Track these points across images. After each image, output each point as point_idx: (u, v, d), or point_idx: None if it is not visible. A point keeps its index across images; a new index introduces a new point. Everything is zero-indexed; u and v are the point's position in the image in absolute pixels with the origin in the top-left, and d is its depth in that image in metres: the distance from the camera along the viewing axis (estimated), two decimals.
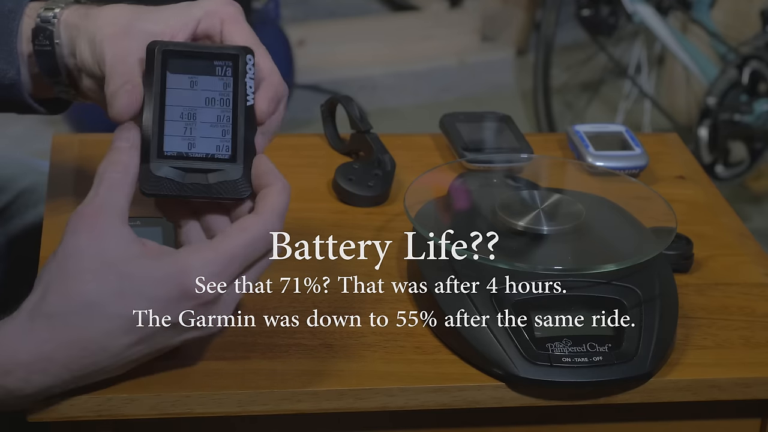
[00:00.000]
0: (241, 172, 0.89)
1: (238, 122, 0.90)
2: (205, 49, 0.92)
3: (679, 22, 3.10)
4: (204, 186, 0.89)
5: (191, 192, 0.89)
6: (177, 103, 0.90)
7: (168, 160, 0.89)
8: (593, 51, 3.30)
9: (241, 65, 0.91)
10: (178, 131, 0.89)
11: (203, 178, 0.89)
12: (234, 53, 0.91)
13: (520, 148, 1.23)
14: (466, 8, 3.81)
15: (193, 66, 0.91)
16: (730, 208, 1.21)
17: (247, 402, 0.92)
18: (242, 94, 0.91)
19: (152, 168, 0.88)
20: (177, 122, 0.90)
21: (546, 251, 1.02)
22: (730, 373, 0.98)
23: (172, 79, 0.90)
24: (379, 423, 0.98)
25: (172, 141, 0.89)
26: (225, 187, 0.89)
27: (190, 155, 0.89)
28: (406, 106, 3.48)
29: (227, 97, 0.91)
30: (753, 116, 2.69)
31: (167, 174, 0.88)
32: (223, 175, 0.89)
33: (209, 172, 0.89)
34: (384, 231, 1.13)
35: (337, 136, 1.27)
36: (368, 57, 3.62)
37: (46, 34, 0.98)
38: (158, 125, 0.89)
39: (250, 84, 0.91)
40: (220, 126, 0.90)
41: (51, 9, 0.98)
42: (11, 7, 1.00)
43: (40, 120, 3.10)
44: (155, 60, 0.90)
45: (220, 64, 0.91)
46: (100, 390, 0.90)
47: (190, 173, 0.89)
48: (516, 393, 0.95)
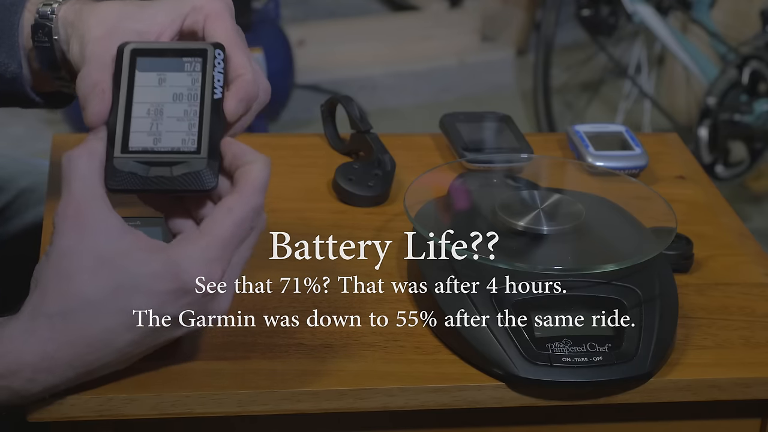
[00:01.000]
0: (205, 163, 0.88)
1: (204, 115, 0.89)
2: (174, 47, 0.92)
3: (679, 22, 3.10)
4: (168, 179, 0.87)
5: (155, 185, 0.88)
6: (144, 101, 0.89)
7: (133, 155, 0.88)
8: (593, 51, 3.30)
9: (209, 60, 0.90)
10: (144, 127, 0.89)
11: (167, 171, 0.88)
12: (203, 48, 0.91)
13: (520, 148, 1.23)
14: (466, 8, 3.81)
15: (162, 64, 0.90)
16: (730, 208, 1.21)
17: (247, 402, 0.92)
18: (209, 88, 0.90)
19: (116, 164, 0.88)
20: (143, 119, 0.89)
21: (546, 251, 1.02)
22: (730, 373, 0.98)
23: (140, 77, 0.90)
24: (379, 423, 0.98)
25: (138, 137, 0.88)
26: (189, 179, 0.87)
27: (155, 149, 0.88)
28: (406, 106, 3.48)
29: (195, 92, 0.90)
30: (753, 116, 2.69)
31: (132, 168, 0.88)
32: (187, 167, 0.88)
33: (174, 164, 0.88)
34: (384, 231, 1.13)
35: (337, 136, 1.27)
36: (368, 57, 3.62)
37: (44, 30, 0.98)
38: (123, 122, 0.89)
39: (218, 78, 0.90)
40: (187, 120, 0.89)
41: (49, 4, 0.98)
42: (12, 1, 1.00)
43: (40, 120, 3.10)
44: (123, 60, 0.90)
45: (189, 60, 0.91)
46: (100, 390, 0.90)
47: (155, 167, 0.88)
48: (516, 393, 0.95)
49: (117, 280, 0.84)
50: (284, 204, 1.16)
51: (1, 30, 1.00)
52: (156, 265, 0.84)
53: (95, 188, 0.86)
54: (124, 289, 0.84)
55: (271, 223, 1.11)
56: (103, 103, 0.90)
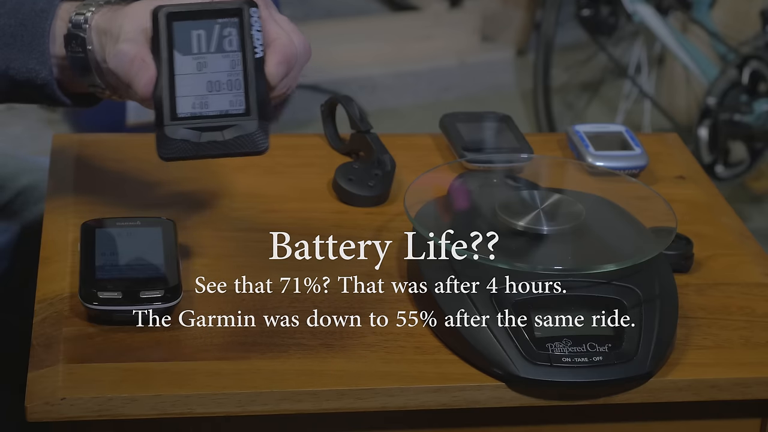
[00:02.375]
0: (256, 124, 0.88)
1: (248, 76, 0.89)
2: (208, 7, 0.91)
3: (679, 22, 3.10)
4: (220, 143, 0.88)
5: (208, 151, 0.88)
6: (186, 65, 0.89)
7: (182, 122, 0.88)
8: (593, 51, 3.30)
9: (245, 18, 0.90)
10: (189, 92, 0.89)
11: (219, 136, 0.88)
12: (237, 7, 0.90)
13: (520, 148, 1.23)
14: (466, 8, 3.81)
15: (199, 26, 0.90)
16: (730, 208, 1.21)
17: (247, 402, 0.92)
18: (250, 48, 0.90)
19: (167, 132, 0.88)
20: (188, 84, 0.89)
21: (546, 251, 1.02)
22: (730, 373, 0.98)
23: (179, 41, 0.90)
24: (379, 423, 0.98)
25: (185, 103, 0.89)
26: (242, 142, 0.88)
27: (204, 114, 0.88)
28: (406, 106, 3.47)
29: (235, 53, 0.90)
30: (753, 116, 2.69)
31: (183, 136, 0.88)
32: (238, 130, 0.88)
33: (225, 128, 0.88)
34: (384, 231, 1.13)
35: (337, 136, 1.27)
36: (368, 57, 3.62)
37: (78, 41, 0.97)
38: (169, 89, 0.88)
39: (257, 36, 0.90)
40: (232, 82, 0.89)
41: (82, 13, 0.98)
42: (43, 7, 1.00)
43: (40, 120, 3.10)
44: (160, 25, 0.90)
45: (224, 20, 0.90)
46: (100, 390, 0.90)
47: (206, 132, 0.88)
48: (516, 393, 0.95)
49: None
50: (284, 204, 1.16)
51: (31, 37, 1.00)
52: None
53: None
54: None
55: (271, 223, 1.12)
56: (148, 72, 0.89)
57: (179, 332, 0.97)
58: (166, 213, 1.07)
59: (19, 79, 1.01)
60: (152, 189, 1.16)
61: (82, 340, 0.95)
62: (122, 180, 1.17)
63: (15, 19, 1.00)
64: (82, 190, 1.13)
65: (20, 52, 1.00)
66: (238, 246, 1.09)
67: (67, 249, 1.05)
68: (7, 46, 1.00)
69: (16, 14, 1.00)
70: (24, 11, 1.00)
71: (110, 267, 0.99)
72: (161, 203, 1.13)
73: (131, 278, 0.98)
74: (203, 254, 1.07)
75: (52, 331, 0.96)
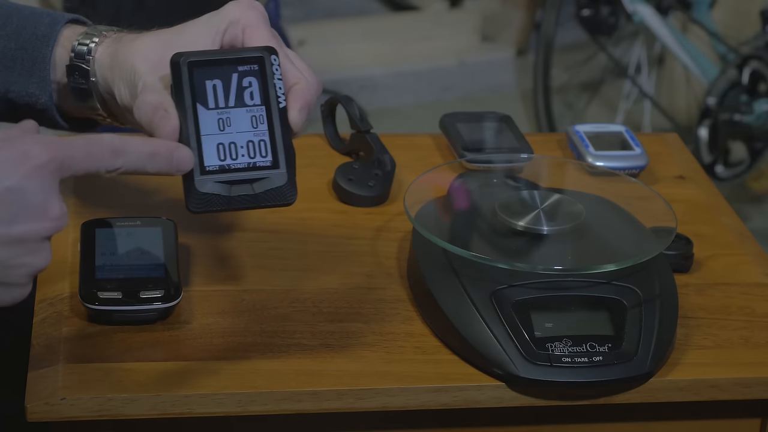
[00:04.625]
0: (285, 177, 0.89)
1: (274, 126, 0.89)
2: (229, 55, 0.90)
3: (679, 22, 3.10)
4: (251, 197, 0.89)
5: (239, 205, 0.88)
6: (210, 116, 0.89)
7: (211, 175, 0.88)
8: (593, 51, 3.30)
9: (267, 67, 0.90)
10: (216, 143, 0.88)
11: (249, 189, 0.88)
12: (258, 55, 0.90)
13: (520, 148, 1.23)
14: (466, 8, 3.81)
15: (220, 74, 0.89)
16: (730, 208, 1.21)
17: (247, 402, 0.92)
18: (274, 97, 0.90)
19: (197, 185, 0.88)
20: (213, 135, 0.89)
21: (546, 251, 1.02)
22: (730, 373, 0.98)
23: (201, 91, 0.89)
24: (379, 423, 0.98)
25: (212, 154, 0.88)
26: (272, 195, 0.88)
27: (232, 167, 0.88)
28: (407, 106, 3.48)
29: (258, 102, 0.90)
30: (753, 116, 2.69)
31: (213, 189, 0.88)
32: (268, 183, 0.89)
33: (254, 181, 0.88)
34: (384, 231, 1.13)
35: (337, 136, 1.27)
36: (368, 57, 3.62)
37: (81, 72, 0.97)
38: (195, 140, 0.88)
39: (279, 86, 0.90)
40: (257, 132, 0.89)
41: (85, 44, 0.97)
42: (44, 32, 0.99)
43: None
44: (182, 74, 0.89)
45: (245, 69, 0.90)
46: (100, 390, 0.90)
47: (236, 185, 0.88)
48: (516, 393, 0.95)
49: None
50: None
51: (32, 62, 0.99)
52: None
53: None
54: None
55: (271, 223, 1.12)
56: (170, 121, 0.88)
57: (179, 332, 0.97)
58: (166, 213, 1.07)
59: (18, 103, 1.01)
60: (152, 189, 1.15)
61: (82, 340, 0.95)
62: (122, 180, 1.17)
63: (16, 43, 1.00)
64: (82, 190, 1.13)
65: (20, 76, 1.00)
66: (238, 246, 1.09)
67: (67, 249, 1.05)
68: (7, 69, 1.00)
69: (17, 38, 1.00)
70: (25, 35, 1.00)
71: (110, 267, 0.99)
72: (161, 203, 1.13)
73: (131, 278, 0.98)
74: (203, 254, 1.07)
75: (52, 331, 0.96)
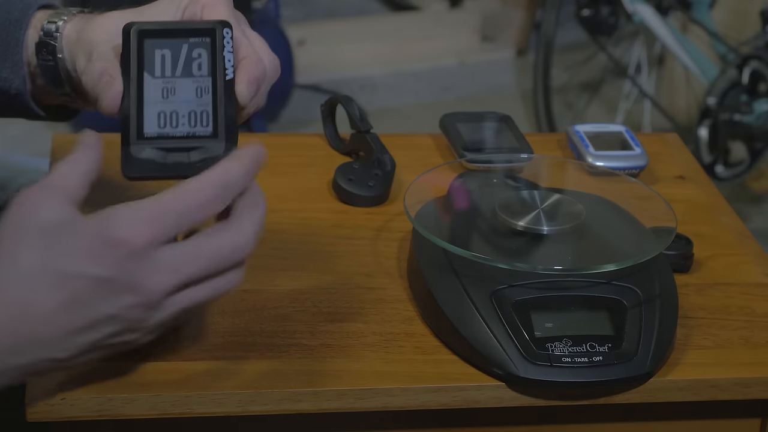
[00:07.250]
0: (223, 147, 0.87)
1: (218, 97, 0.89)
2: (180, 26, 0.91)
3: (679, 22, 3.10)
4: (186, 165, 0.87)
5: (173, 172, 0.87)
6: (155, 84, 0.89)
7: (149, 142, 0.87)
8: (593, 51, 3.30)
9: (218, 39, 0.89)
10: (157, 112, 0.88)
11: (185, 157, 0.87)
12: (210, 27, 0.90)
13: (520, 148, 1.23)
14: (466, 8, 3.82)
15: (170, 44, 0.89)
16: (730, 208, 1.21)
17: (247, 402, 0.92)
18: (221, 69, 0.89)
19: (133, 151, 0.87)
20: (156, 103, 0.88)
21: (546, 251, 1.02)
22: (730, 373, 0.98)
23: (149, 60, 0.89)
24: (379, 423, 0.98)
25: (152, 122, 0.88)
26: (207, 165, 0.86)
27: (171, 134, 0.88)
28: (407, 106, 3.48)
29: (206, 73, 0.89)
30: (753, 116, 2.69)
31: (148, 155, 0.87)
32: (204, 152, 0.87)
33: (191, 150, 0.87)
34: (384, 231, 1.13)
35: (337, 136, 1.27)
36: (368, 57, 3.62)
37: (49, 48, 0.97)
38: (137, 107, 0.88)
39: (228, 58, 0.89)
40: (201, 103, 0.89)
41: (54, 22, 0.98)
42: (17, 17, 1.00)
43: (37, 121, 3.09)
44: (131, 42, 0.89)
45: (196, 39, 0.89)
46: (100, 390, 0.90)
47: (172, 153, 0.87)
48: (516, 393, 0.95)
49: (42, 239, 0.80)
50: (284, 204, 1.16)
51: (5, 46, 0.99)
52: (83, 223, 0.81)
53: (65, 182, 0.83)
54: (48, 246, 0.80)
55: (271, 223, 1.11)
56: (113, 88, 0.89)
57: (179, 332, 0.97)
58: None
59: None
60: (152, 189, 1.15)
61: None
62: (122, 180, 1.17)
63: None
64: None
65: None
66: None
67: None
68: None
69: None
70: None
71: None
72: None
73: None
74: None
75: None
